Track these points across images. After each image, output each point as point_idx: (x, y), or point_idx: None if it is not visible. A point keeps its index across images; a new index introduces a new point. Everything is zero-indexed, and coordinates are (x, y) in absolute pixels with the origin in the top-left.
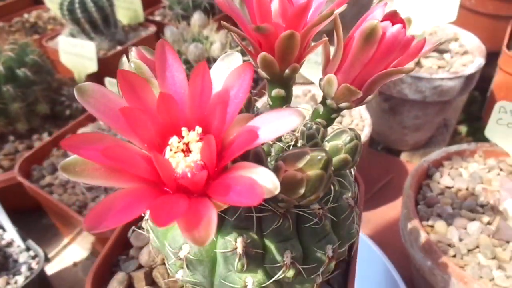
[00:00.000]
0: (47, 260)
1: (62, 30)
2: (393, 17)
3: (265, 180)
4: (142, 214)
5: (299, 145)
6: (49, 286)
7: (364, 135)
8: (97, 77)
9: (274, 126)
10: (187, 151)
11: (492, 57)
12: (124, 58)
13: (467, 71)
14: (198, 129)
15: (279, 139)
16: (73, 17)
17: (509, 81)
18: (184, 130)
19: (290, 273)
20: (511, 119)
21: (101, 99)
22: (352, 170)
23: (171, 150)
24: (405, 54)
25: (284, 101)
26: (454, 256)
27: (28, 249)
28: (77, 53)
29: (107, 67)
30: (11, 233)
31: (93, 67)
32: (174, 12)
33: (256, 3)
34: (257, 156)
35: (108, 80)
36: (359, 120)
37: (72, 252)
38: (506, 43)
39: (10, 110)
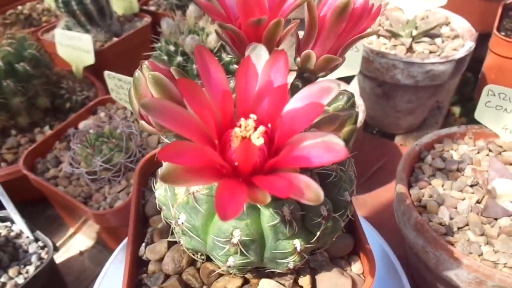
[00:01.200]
0: (55, 249)
1: (57, 23)
2: None
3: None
4: (168, 222)
5: None
6: (58, 274)
7: (359, 120)
8: (94, 69)
9: (322, 95)
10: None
11: (484, 39)
12: (137, 73)
13: (457, 55)
14: (254, 117)
15: None
16: (69, 9)
17: (500, 63)
18: (242, 120)
19: (330, 223)
20: (499, 101)
21: (165, 111)
22: None
23: (236, 140)
24: (368, 18)
25: None
26: (445, 234)
27: (36, 239)
28: (74, 46)
29: (104, 59)
30: (19, 224)
31: (90, 59)
32: (169, 2)
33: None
34: None
35: (107, 73)
36: None
37: (78, 241)
38: (497, 26)
39: (11, 105)
